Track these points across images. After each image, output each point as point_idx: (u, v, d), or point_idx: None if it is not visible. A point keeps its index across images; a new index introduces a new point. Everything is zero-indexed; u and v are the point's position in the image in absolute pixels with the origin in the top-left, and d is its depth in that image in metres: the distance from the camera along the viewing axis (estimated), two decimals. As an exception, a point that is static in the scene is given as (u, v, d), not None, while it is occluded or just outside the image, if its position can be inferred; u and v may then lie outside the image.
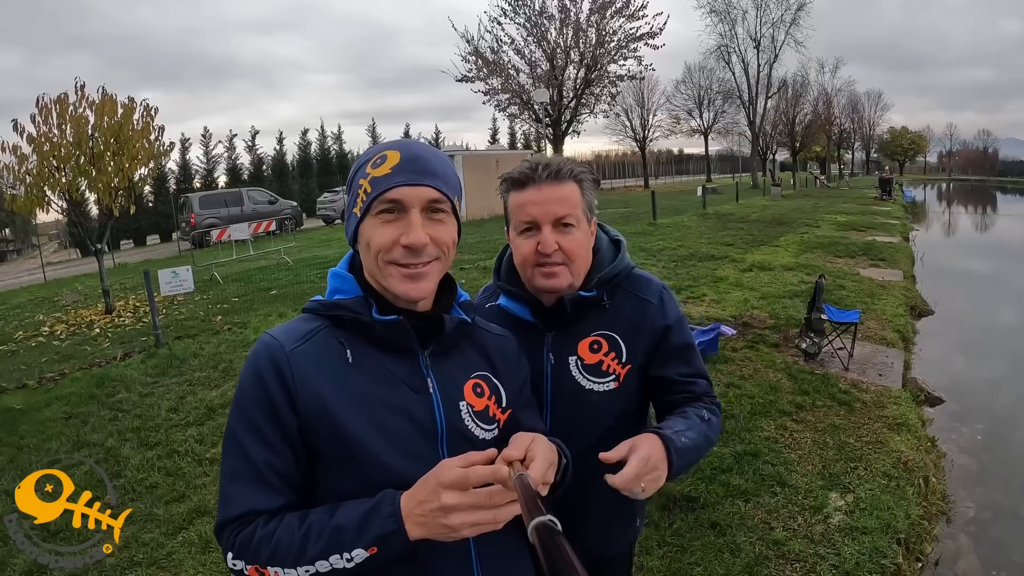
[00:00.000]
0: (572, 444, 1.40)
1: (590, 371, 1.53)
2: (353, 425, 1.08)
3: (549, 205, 1.44)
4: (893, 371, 6.16)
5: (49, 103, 9.32)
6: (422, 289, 1.14)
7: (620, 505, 1.59)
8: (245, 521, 1.05)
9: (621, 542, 1.70)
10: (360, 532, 0.99)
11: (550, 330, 1.55)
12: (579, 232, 1.47)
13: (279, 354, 1.09)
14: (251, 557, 1.02)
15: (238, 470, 1.08)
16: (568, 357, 1.54)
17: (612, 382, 1.53)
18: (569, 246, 1.45)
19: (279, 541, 1.01)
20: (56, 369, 7.29)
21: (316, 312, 1.17)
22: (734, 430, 4.71)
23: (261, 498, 1.06)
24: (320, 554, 0.99)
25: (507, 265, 1.62)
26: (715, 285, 9.77)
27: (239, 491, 1.07)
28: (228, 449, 1.10)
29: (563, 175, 1.45)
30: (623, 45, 24.97)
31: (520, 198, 1.47)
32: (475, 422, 1.18)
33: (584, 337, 1.54)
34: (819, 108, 55.14)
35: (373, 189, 1.10)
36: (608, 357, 1.53)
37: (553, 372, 1.54)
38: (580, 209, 1.47)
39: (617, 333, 1.54)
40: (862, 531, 3.52)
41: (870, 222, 19.18)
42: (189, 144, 38.06)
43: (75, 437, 5.22)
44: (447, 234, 1.15)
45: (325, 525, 1.01)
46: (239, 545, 1.04)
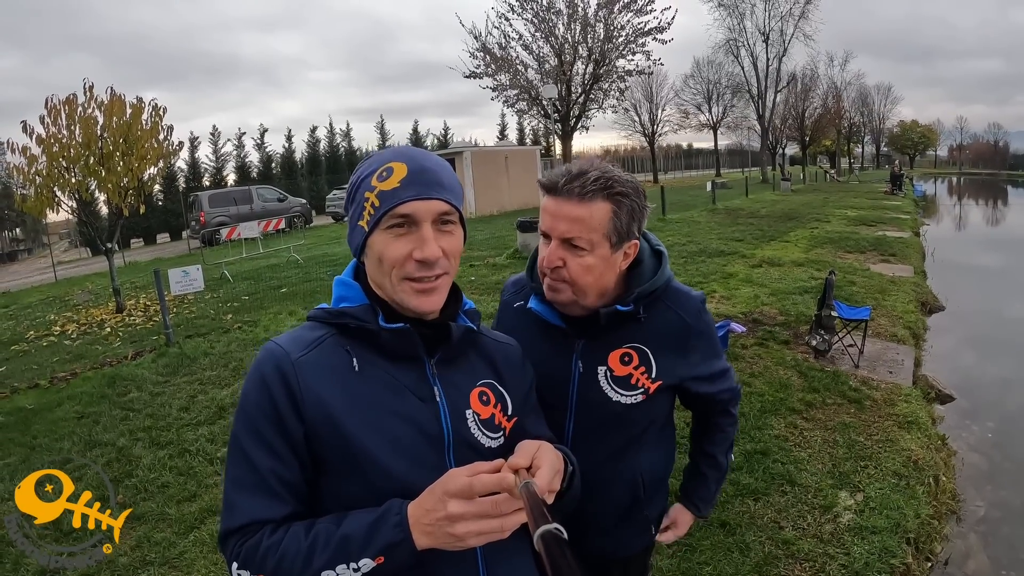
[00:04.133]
0: (591, 453, 1.43)
1: (619, 383, 1.51)
2: (359, 433, 1.08)
3: (560, 222, 1.37)
4: (904, 368, 6.13)
5: (58, 104, 9.35)
6: (435, 302, 1.15)
7: (633, 514, 1.64)
8: (250, 531, 1.05)
9: (634, 546, 1.71)
10: (367, 541, 0.98)
11: (581, 337, 1.52)
12: (591, 257, 1.39)
13: (284, 362, 1.09)
14: (257, 567, 1.01)
15: (242, 479, 1.08)
16: (598, 367, 1.52)
17: (640, 395, 1.52)
18: (574, 269, 1.39)
19: (286, 550, 1.00)
20: (68, 368, 7.35)
21: (321, 320, 1.17)
22: (744, 428, 4.70)
23: (266, 507, 1.06)
24: (327, 563, 0.98)
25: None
26: (725, 281, 9.73)
27: (243, 500, 1.06)
28: (232, 457, 1.10)
29: (588, 193, 1.34)
30: (631, 40, 24.74)
31: (545, 203, 1.41)
32: (481, 430, 1.19)
33: (616, 348, 1.52)
34: (828, 102, 54.69)
35: (382, 203, 1.10)
36: (638, 371, 1.51)
37: (581, 380, 1.52)
38: (600, 233, 1.37)
39: (649, 348, 1.52)
40: (872, 530, 3.51)
41: (880, 217, 19.06)
42: (198, 143, 38.35)
43: (87, 436, 5.25)
44: (456, 244, 1.16)
45: (332, 534, 1.00)
46: (244, 555, 1.03)
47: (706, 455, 1.72)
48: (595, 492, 1.35)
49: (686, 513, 1.72)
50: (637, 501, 1.62)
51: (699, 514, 1.74)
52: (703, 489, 1.71)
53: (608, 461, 1.49)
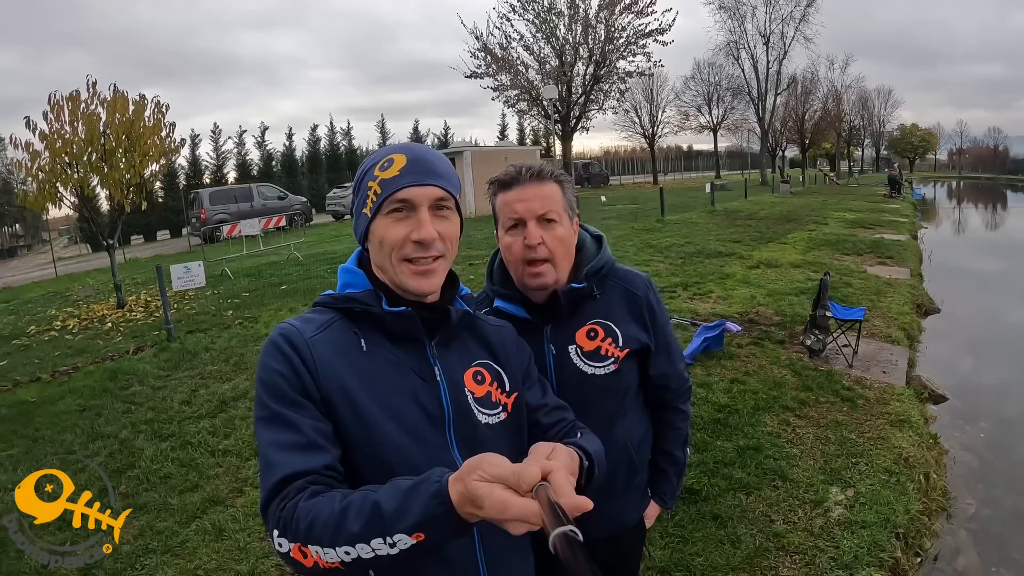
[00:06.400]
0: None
1: (590, 357, 1.67)
2: (370, 407, 1.14)
3: (533, 202, 1.57)
4: (897, 369, 6.19)
5: (61, 100, 9.42)
6: (432, 284, 1.22)
7: (631, 478, 1.79)
8: (290, 491, 1.04)
9: (635, 514, 1.84)
10: (403, 509, 0.95)
11: (547, 324, 1.67)
12: (561, 228, 1.59)
13: (299, 339, 1.16)
14: (293, 533, 1.00)
15: (277, 438, 1.09)
16: (568, 346, 1.67)
17: (612, 365, 1.67)
18: (552, 241, 1.57)
19: (318, 513, 0.98)
20: (69, 363, 7.40)
21: (328, 305, 1.25)
22: (737, 424, 4.77)
23: (303, 460, 1.07)
24: (360, 534, 0.95)
25: (499, 269, 1.73)
26: (722, 282, 9.79)
27: (280, 456, 1.07)
28: (263, 424, 1.12)
29: (545, 176, 1.59)
30: (632, 41, 24.91)
31: (507, 197, 1.60)
32: (478, 408, 1.26)
33: (580, 326, 1.68)
34: (829, 105, 54.79)
35: (383, 190, 1.19)
36: (605, 343, 1.67)
37: (556, 362, 1.66)
38: (562, 207, 1.60)
39: (612, 320, 1.69)
40: (861, 525, 3.57)
41: (879, 220, 19.12)
42: (199, 140, 38.33)
43: (89, 429, 5.31)
44: (452, 228, 1.25)
45: (366, 499, 0.98)
46: (284, 520, 1.01)
47: (663, 452, 1.87)
48: None
49: (653, 506, 1.88)
50: (633, 465, 1.77)
51: (664, 505, 1.91)
52: (665, 483, 1.87)
53: (599, 432, 1.58)
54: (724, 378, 5.71)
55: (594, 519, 0.94)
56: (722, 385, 5.54)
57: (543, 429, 1.35)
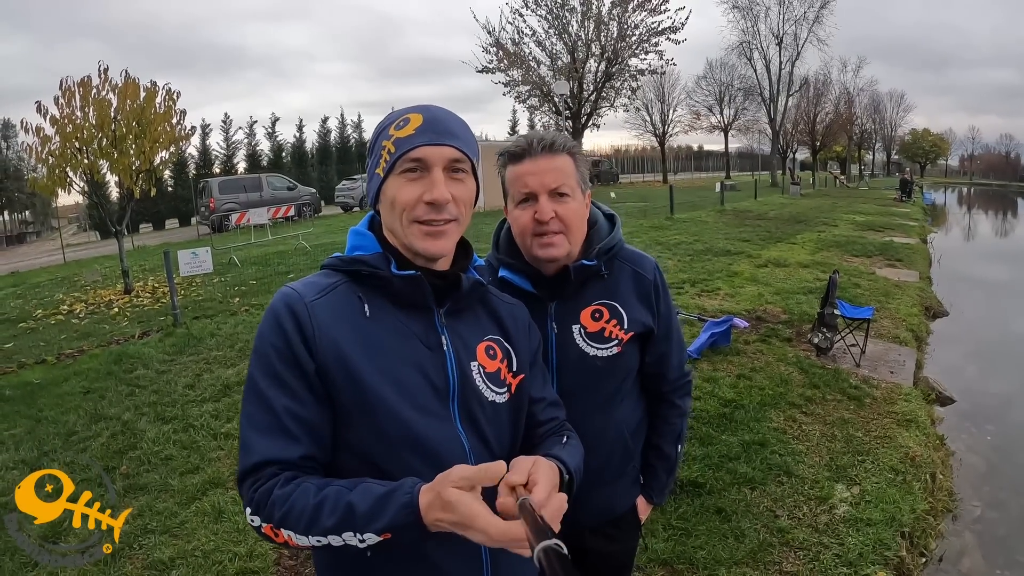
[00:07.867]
0: (578, 406, 1.49)
1: (593, 338, 1.61)
2: (369, 375, 1.10)
3: (545, 175, 1.50)
4: (905, 369, 6.15)
5: (72, 86, 9.43)
6: (442, 247, 1.17)
7: (625, 464, 1.73)
8: (264, 475, 1.06)
9: (627, 501, 1.78)
10: (372, 515, 0.98)
11: (552, 300, 1.61)
12: (574, 202, 1.53)
13: (298, 303, 1.12)
14: (267, 515, 1.03)
15: (257, 418, 1.09)
16: (572, 326, 1.61)
17: (615, 347, 1.61)
18: (565, 214, 1.51)
19: (293, 504, 1.01)
20: (75, 346, 7.42)
21: (335, 268, 1.21)
22: (743, 420, 4.73)
23: (280, 447, 1.07)
24: (333, 528, 0.99)
25: (505, 238, 1.67)
26: (730, 280, 9.75)
27: (257, 440, 1.08)
28: (248, 397, 1.12)
29: (557, 148, 1.52)
30: (644, 39, 24.82)
31: (517, 170, 1.53)
32: (486, 383, 1.21)
33: (586, 306, 1.62)
34: (840, 107, 54.57)
35: (397, 149, 1.14)
36: (610, 324, 1.61)
37: (558, 340, 1.60)
38: (574, 180, 1.53)
39: (617, 302, 1.63)
40: (866, 523, 3.54)
41: (888, 223, 19.04)
42: (209, 130, 38.42)
43: (92, 410, 5.31)
44: (467, 192, 1.19)
45: (341, 499, 1.00)
46: (257, 501, 1.04)
47: (654, 447, 1.80)
48: (591, 447, 1.39)
49: (642, 501, 1.82)
50: (628, 451, 1.71)
51: (652, 501, 1.84)
52: (654, 480, 1.81)
53: (596, 414, 1.56)
54: (731, 373, 5.68)
55: (587, 505, 0.92)
56: (728, 380, 5.51)
57: (535, 424, 1.32)
